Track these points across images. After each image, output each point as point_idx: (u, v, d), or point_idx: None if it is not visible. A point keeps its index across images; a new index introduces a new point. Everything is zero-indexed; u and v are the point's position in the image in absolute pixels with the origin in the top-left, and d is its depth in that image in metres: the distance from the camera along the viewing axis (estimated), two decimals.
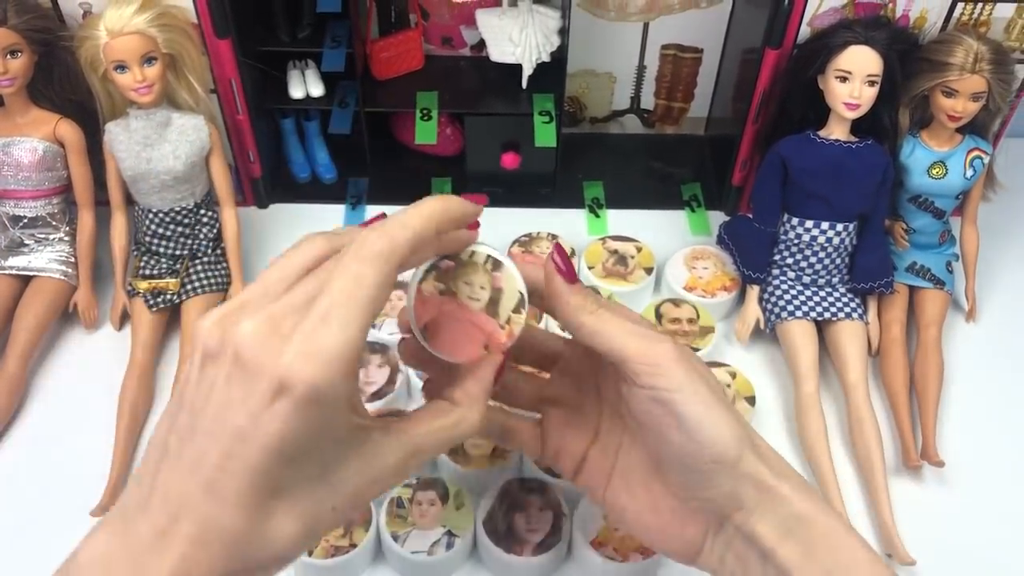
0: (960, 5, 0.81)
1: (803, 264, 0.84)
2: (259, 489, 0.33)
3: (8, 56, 0.77)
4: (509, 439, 0.51)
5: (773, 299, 0.84)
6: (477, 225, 0.42)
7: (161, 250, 0.84)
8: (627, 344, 0.41)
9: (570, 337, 0.47)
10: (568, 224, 0.95)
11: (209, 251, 0.86)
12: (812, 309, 0.82)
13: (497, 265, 0.44)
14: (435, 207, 0.38)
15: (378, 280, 0.34)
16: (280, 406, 0.32)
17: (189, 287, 0.83)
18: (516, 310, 0.43)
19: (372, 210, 0.97)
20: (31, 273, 0.84)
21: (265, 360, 0.32)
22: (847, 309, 0.82)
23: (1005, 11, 0.81)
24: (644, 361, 0.40)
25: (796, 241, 0.83)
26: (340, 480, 0.36)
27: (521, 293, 0.43)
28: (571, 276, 0.42)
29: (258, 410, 0.32)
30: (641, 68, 1.00)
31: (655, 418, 0.41)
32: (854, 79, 0.77)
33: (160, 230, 0.84)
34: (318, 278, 0.35)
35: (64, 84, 0.83)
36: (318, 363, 0.32)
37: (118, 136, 0.80)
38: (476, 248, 0.44)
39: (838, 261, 0.84)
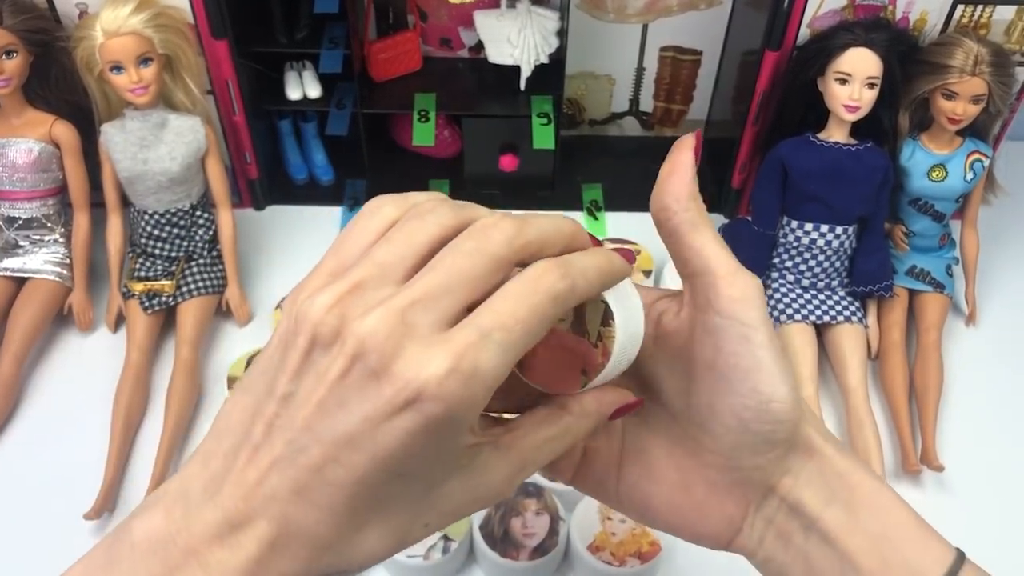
0: (960, 7, 0.80)
1: (802, 267, 0.84)
2: (357, 501, 0.29)
3: (3, 56, 0.77)
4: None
5: (772, 302, 0.84)
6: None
7: (157, 252, 0.84)
8: (720, 258, 0.34)
9: None
10: None
11: (205, 253, 0.85)
12: (811, 312, 0.82)
13: None
14: (616, 268, 0.34)
15: (548, 317, 0.30)
16: (406, 419, 0.28)
17: (184, 289, 0.83)
18: (605, 323, 0.36)
19: None
20: (26, 275, 0.84)
21: (398, 366, 0.28)
22: (847, 312, 0.82)
23: (1005, 13, 0.81)
24: (734, 284, 0.33)
25: (795, 244, 0.83)
26: (442, 497, 0.32)
27: (605, 302, 0.35)
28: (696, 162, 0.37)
29: (378, 419, 0.28)
30: (640, 70, 1.00)
31: (722, 359, 0.34)
32: (854, 81, 0.77)
33: (156, 232, 0.83)
34: (458, 271, 0.30)
35: (60, 85, 0.82)
36: (464, 384, 0.28)
37: (114, 137, 0.80)
38: None
39: (837, 264, 0.83)
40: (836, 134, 0.80)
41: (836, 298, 0.83)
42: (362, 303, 0.29)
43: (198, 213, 0.84)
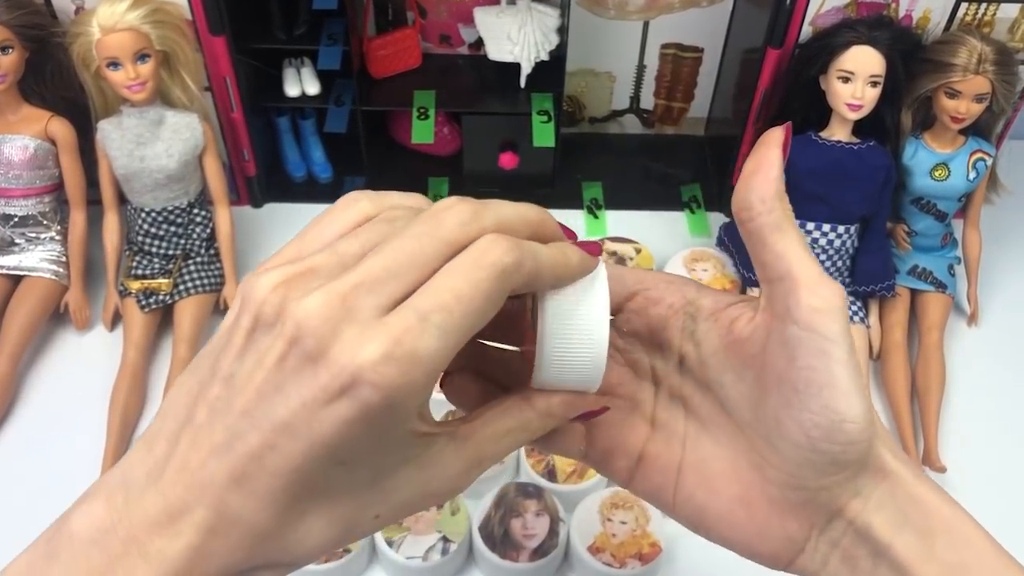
0: (964, 5, 0.80)
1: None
2: (296, 489, 0.28)
3: None
4: (550, 440, 0.40)
5: None
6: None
7: (154, 250, 0.83)
8: (803, 265, 0.32)
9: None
10: (567, 225, 0.94)
11: (202, 251, 0.85)
12: None
13: None
14: (572, 260, 0.32)
15: (494, 296, 0.29)
16: (342, 406, 0.27)
17: (182, 287, 0.82)
18: (533, 325, 0.35)
19: None
20: (22, 273, 0.83)
21: (334, 350, 0.27)
22: (848, 312, 0.82)
23: (1009, 11, 0.80)
24: (816, 293, 0.31)
25: None
26: (392, 488, 0.31)
27: (535, 300, 0.34)
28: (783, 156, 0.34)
29: (314, 405, 0.27)
30: (641, 67, 0.99)
31: (795, 372, 0.32)
32: (856, 80, 0.76)
33: (153, 229, 0.83)
34: (408, 255, 0.29)
35: (56, 81, 0.82)
36: (402, 369, 0.27)
37: (111, 134, 0.79)
38: None
39: (839, 264, 0.83)
40: (838, 133, 0.80)
41: None
42: (307, 286, 0.28)
43: (195, 211, 0.84)
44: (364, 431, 0.28)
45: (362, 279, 0.28)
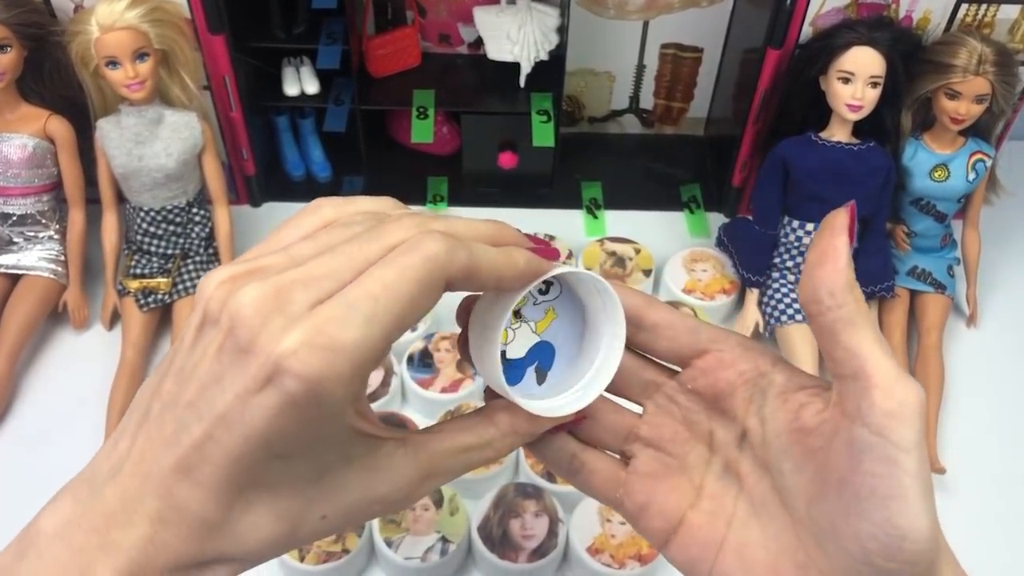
0: (964, 6, 0.80)
1: (803, 267, 0.83)
2: (237, 479, 0.29)
3: None
4: (579, 477, 0.38)
5: (773, 302, 0.83)
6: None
7: (153, 249, 0.83)
8: (880, 365, 0.30)
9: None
10: (566, 225, 0.94)
11: (201, 250, 0.84)
12: None
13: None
14: (518, 264, 0.31)
15: (424, 285, 0.28)
16: (269, 396, 0.27)
17: (180, 287, 0.82)
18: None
19: None
20: (20, 271, 0.83)
21: (262, 339, 0.27)
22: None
23: (1010, 12, 0.80)
24: (892, 396, 0.29)
25: (796, 244, 0.83)
26: (337, 488, 0.31)
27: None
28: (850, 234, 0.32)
29: (245, 395, 0.27)
30: (640, 67, 0.99)
31: (859, 478, 0.29)
32: (857, 80, 0.76)
33: (152, 229, 0.82)
34: (349, 256, 0.29)
35: (55, 80, 0.81)
36: (324, 358, 0.27)
37: (109, 133, 0.79)
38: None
39: None
40: (838, 133, 0.80)
41: None
42: (251, 280, 0.28)
43: (194, 210, 0.84)
44: (294, 422, 0.28)
45: (301, 276, 0.28)
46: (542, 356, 0.36)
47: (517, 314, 0.35)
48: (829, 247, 0.32)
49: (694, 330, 0.36)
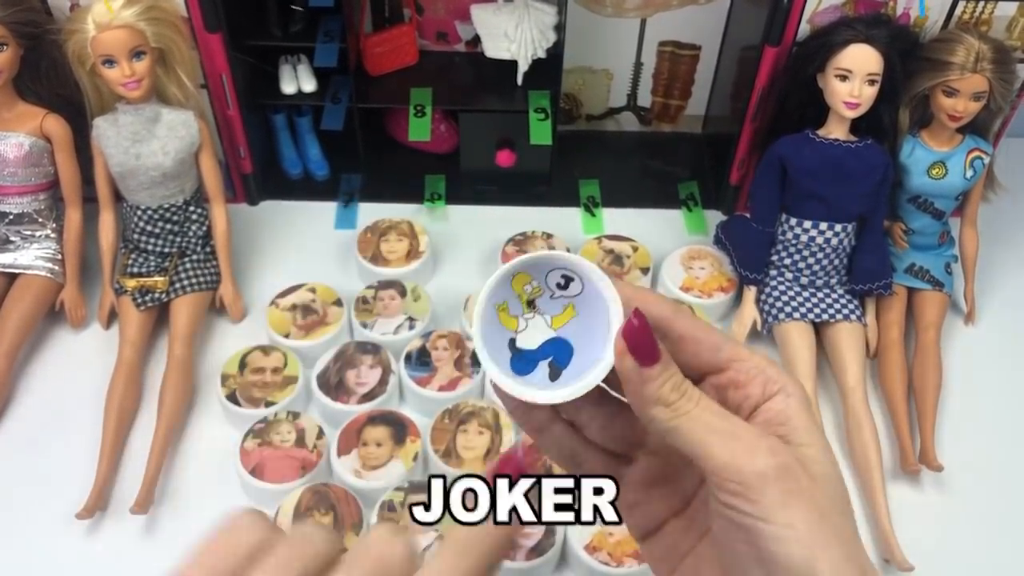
0: (961, 3, 0.80)
1: (801, 265, 0.83)
2: None
3: None
4: (577, 471, 0.40)
5: (771, 300, 0.83)
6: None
7: (150, 248, 0.83)
8: (710, 450, 0.32)
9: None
10: (563, 223, 0.94)
11: (198, 249, 0.84)
12: (810, 311, 0.81)
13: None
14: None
15: None
16: None
17: (178, 285, 0.82)
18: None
19: (364, 208, 0.96)
20: (17, 271, 0.83)
21: None
22: (845, 310, 0.82)
23: (1007, 9, 0.80)
24: (727, 476, 0.31)
25: (794, 241, 0.83)
26: None
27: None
28: (649, 355, 0.33)
29: None
30: (638, 65, 0.99)
31: (732, 543, 0.32)
32: (854, 78, 0.76)
33: (149, 227, 0.82)
34: None
35: (51, 78, 0.81)
36: None
37: (106, 132, 0.79)
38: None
39: (836, 262, 0.83)
40: (836, 131, 0.80)
41: (835, 296, 0.83)
42: None
43: (191, 208, 0.83)
44: None
45: None
46: (558, 352, 0.36)
47: (531, 304, 0.35)
48: (622, 373, 0.33)
49: (717, 347, 0.36)
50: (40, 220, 0.84)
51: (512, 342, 0.35)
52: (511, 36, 0.89)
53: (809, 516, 0.31)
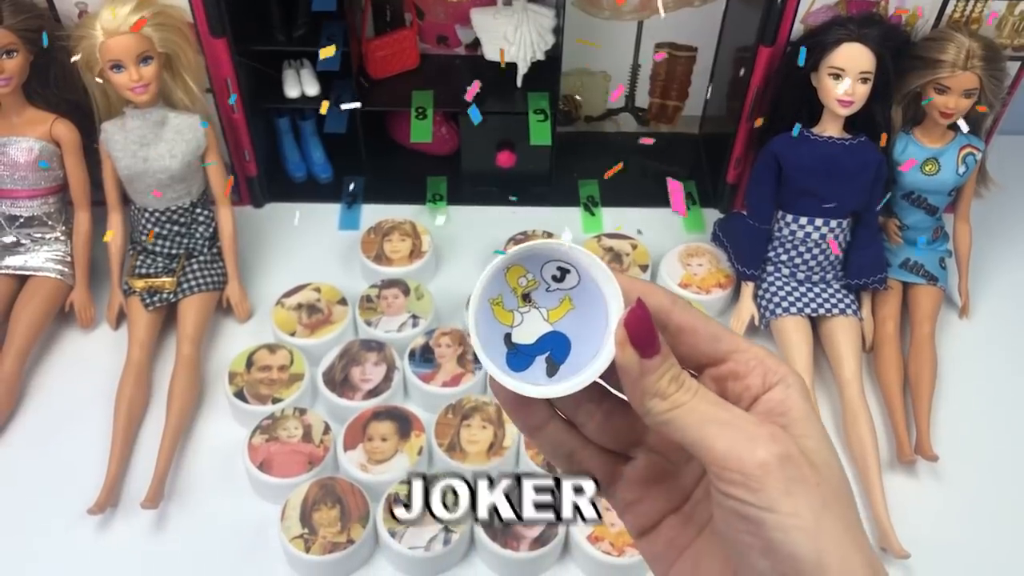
0: (952, 2, 0.81)
1: (797, 261, 0.84)
2: None
3: (3, 56, 0.78)
4: (574, 469, 0.40)
5: (767, 295, 0.84)
6: None
7: (157, 249, 0.84)
8: (709, 441, 0.32)
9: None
10: (563, 222, 0.95)
11: (205, 250, 0.86)
12: (806, 305, 0.83)
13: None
14: None
15: None
16: None
17: (185, 286, 0.83)
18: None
19: (367, 209, 0.97)
20: (27, 273, 0.84)
21: None
22: (841, 305, 0.83)
23: (996, 8, 0.82)
24: (727, 466, 0.31)
25: (790, 238, 0.84)
26: None
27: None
28: (650, 346, 0.32)
29: None
30: (636, 66, 1.01)
31: (736, 534, 0.32)
32: (847, 76, 0.78)
33: (156, 229, 0.84)
34: None
35: (60, 84, 0.83)
36: None
37: (114, 135, 0.80)
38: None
39: (832, 258, 0.84)
40: (830, 129, 0.81)
41: (831, 291, 0.84)
42: None
43: (198, 210, 0.85)
44: None
45: None
46: (555, 347, 0.35)
47: (527, 298, 0.34)
48: (621, 365, 0.33)
49: (715, 338, 0.35)
50: (50, 223, 0.85)
51: (508, 337, 0.34)
52: (510, 39, 0.90)
53: (813, 504, 0.31)
